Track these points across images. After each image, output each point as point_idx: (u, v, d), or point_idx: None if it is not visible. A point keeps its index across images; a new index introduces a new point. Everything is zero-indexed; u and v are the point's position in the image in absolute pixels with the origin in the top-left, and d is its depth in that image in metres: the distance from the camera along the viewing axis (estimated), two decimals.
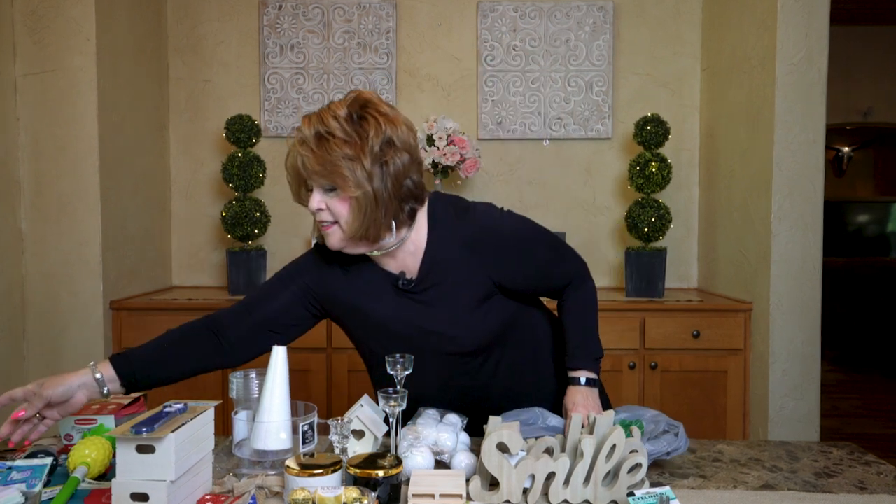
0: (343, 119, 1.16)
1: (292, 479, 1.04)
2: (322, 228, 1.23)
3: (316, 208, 1.20)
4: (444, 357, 1.33)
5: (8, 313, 2.45)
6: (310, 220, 3.13)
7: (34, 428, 1.20)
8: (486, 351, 1.35)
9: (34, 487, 1.08)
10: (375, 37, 3.12)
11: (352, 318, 1.37)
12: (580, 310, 1.39)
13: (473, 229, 1.29)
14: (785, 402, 2.49)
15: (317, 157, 1.15)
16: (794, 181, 2.47)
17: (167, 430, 0.96)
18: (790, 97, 2.45)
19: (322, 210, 1.20)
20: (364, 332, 1.38)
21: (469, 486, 1.10)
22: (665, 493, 1.04)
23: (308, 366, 2.64)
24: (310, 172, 1.17)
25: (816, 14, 2.43)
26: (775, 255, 2.47)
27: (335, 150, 1.14)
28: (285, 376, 1.22)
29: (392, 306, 1.31)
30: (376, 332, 1.34)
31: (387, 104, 1.23)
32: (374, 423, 1.27)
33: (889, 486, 1.20)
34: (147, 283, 2.93)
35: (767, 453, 1.37)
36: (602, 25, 3.10)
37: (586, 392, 1.33)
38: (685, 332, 2.62)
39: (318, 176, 1.17)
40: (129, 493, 0.96)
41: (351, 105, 1.19)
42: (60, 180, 2.52)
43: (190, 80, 3.15)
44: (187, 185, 3.18)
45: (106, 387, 1.25)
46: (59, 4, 2.48)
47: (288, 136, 3.13)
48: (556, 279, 1.38)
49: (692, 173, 3.17)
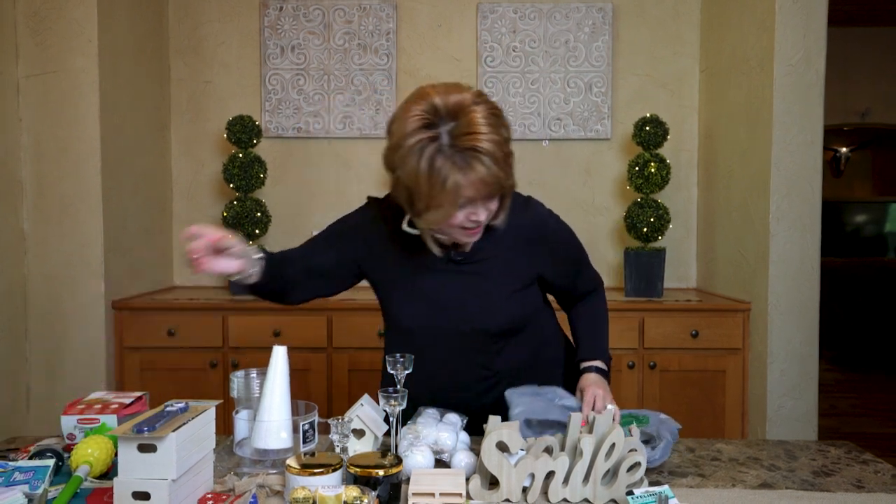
0: (493, 132, 1.11)
1: (293, 478, 1.04)
2: (469, 233, 1.22)
3: (485, 218, 1.19)
4: (468, 335, 1.33)
5: (10, 313, 2.45)
6: (309, 221, 3.15)
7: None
8: (506, 337, 1.37)
9: (37, 488, 1.08)
10: (376, 38, 3.12)
11: (392, 285, 1.36)
12: (595, 315, 1.48)
13: (531, 219, 1.34)
14: (783, 401, 2.50)
15: (493, 177, 1.12)
16: (793, 181, 2.47)
17: (168, 430, 0.97)
18: (788, 98, 2.46)
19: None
20: (401, 298, 1.36)
21: (469, 485, 1.11)
22: (664, 491, 1.05)
23: (308, 365, 2.65)
24: (489, 193, 1.15)
25: (814, 15, 2.44)
26: (774, 256, 2.48)
27: (501, 165, 1.12)
28: (286, 375, 1.23)
29: (439, 276, 1.31)
30: (412, 298, 1.34)
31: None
32: (375, 422, 1.28)
33: (886, 484, 1.20)
34: (148, 283, 2.94)
35: (766, 452, 1.38)
36: (601, 26, 3.11)
37: (598, 378, 1.37)
38: (684, 332, 2.63)
39: (495, 191, 1.17)
40: (131, 491, 0.97)
41: (487, 112, 1.12)
42: (62, 181, 2.53)
43: (191, 80, 3.16)
44: (188, 185, 3.19)
45: (256, 263, 1.26)
46: (61, 6, 2.49)
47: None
48: (584, 283, 1.47)
49: (691, 174, 3.17)
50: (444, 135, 1.09)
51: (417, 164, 1.09)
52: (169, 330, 2.64)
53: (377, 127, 3.14)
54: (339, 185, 3.18)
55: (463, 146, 1.08)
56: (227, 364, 2.65)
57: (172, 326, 2.65)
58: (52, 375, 2.54)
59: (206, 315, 2.65)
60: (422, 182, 1.10)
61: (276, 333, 2.64)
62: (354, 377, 2.65)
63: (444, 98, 1.11)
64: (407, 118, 1.11)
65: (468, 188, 1.11)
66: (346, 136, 3.15)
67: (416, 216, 1.18)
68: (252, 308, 2.65)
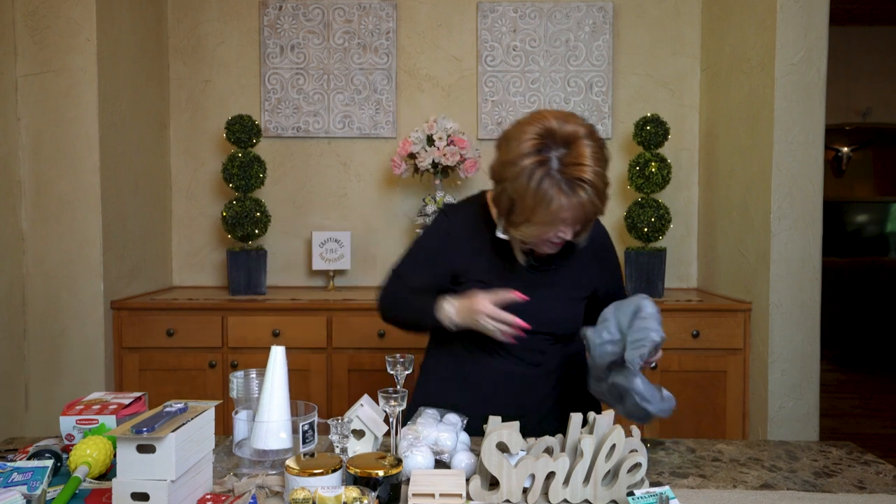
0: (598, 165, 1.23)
1: (292, 478, 1.04)
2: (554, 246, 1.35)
3: (570, 237, 1.32)
4: (535, 336, 1.42)
5: (9, 313, 2.45)
6: (309, 221, 3.14)
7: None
8: (563, 340, 1.51)
9: (36, 489, 1.08)
10: (375, 37, 3.12)
11: (479, 287, 1.42)
12: None
13: (596, 233, 1.46)
14: (784, 401, 2.50)
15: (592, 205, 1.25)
16: (794, 181, 2.47)
17: (168, 430, 0.96)
18: (789, 97, 2.45)
19: None
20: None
21: (469, 485, 1.10)
22: (665, 492, 1.04)
23: (308, 366, 2.65)
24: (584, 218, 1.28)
25: (816, 14, 2.43)
26: (775, 255, 2.48)
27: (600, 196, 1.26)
28: (285, 376, 1.23)
29: (519, 281, 1.41)
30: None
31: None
32: (374, 422, 1.28)
33: (888, 485, 1.20)
34: (147, 282, 2.94)
35: (767, 453, 1.37)
36: (602, 26, 3.11)
37: None
38: (685, 332, 2.63)
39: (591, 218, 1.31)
40: (130, 492, 0.97)
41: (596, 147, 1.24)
42: (61, 180, 2.52)
43: (190, 80, 3.16)
44: (188, 185, 3.19)
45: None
46: (60, 5, 2.48)
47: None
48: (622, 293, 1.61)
49: (692, 173, 3.17)
50: (555, 160, 1.21)
51: (527, 183, 1.21)
52: (168, 330, 2.64)
53: (377, 126, 3.13)
54: (339, 184, 3.17)
55: (570, 175, 1.21)
56: (226, 364, 2.65)
57: (171, 326, 2.65)
58: (50, 376, 2.54)
59: (205, 315, 2.65)
60: (528, 199, 1.22)
61: (276, 333, 2.64)
62: (354, 377, 2.65)
63: (561, 125, 1.22)
64: (522, 139, 1.22)
65: (568, 211, 1.24)
66: (346, 136, 3.15)
67: (511, 226, 1.30)
68: (251, 308, 2.65)
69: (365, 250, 3.17)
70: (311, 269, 3.15)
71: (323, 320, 2.65)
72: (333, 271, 3.03)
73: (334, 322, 2.65)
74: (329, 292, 2.93)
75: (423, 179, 3.01)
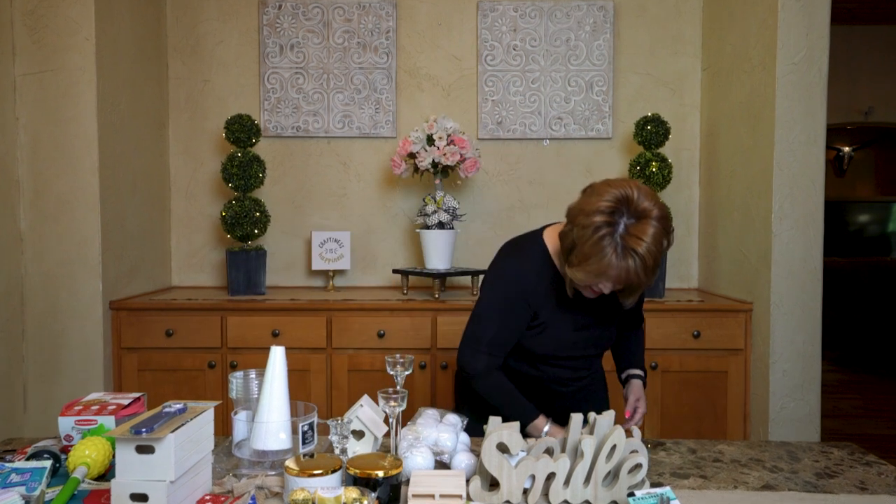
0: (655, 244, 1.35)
1: (292, 479, 1.03)
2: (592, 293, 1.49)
3: (608, 292, 1.46)
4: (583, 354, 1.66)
5: (7, 314, 2.45)
6: (309, 221, 3.14)
7: None
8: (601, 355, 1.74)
9: (34, 490, 1.07)
10: (375, 36, 3.11)
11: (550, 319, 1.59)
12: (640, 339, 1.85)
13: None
14: (785, 402, 2.49)
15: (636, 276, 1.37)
16: (795, 181, 2.46)
17: (167, 431, 0.96)
18: (791, 97, 2.45)
19: None
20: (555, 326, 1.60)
21: (469, 486, 1.10)
22: (665, 493, 1.04)
23: (308, 366, 2.64)
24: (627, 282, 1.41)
25: (817, 13, 2.43)
26: (776, 255, 2.47)
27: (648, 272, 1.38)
28: (284, 376, 1.22)
29: (575, 310, 1.58)
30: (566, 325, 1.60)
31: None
32: (374, 423, 1.27)
33: (890, 486, 1.19)
34: (146, 283, 2.93)
35: (768, 454, 1.37)
36: (602, 25, 3.10)
37: (640, 385, 1.73)
38: (686, 333, 2.62)
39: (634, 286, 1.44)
40: (129, 493, 0.96)
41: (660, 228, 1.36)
42: (60, 180, 2.52)
43: (189, 79, 3.15)
44: (187, 184, 3.18)
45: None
46: (58, 4, 2.48)
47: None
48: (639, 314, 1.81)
49: (693, 173, 3.16)
50: (622, 226, 1.34)
51: (591, 235, 1.35)
52: (167, 330, 2.64)
53: (377, 126, 3.13)
54: (339, 184, 3.17)
55: (628, 243, 1.33)
56: (225, 365, 2.65)
57: (171, 327, 2.64)
58: (49, 376, 2.53)
59: (204, 315, 2.64)
60: (587, 248, 1.36)
61: (276, 334, 2.63)
62: (354, 378, 2.64)
63: (639, 199, 1.35)
64: (604, 197, 1.36)
65: (615, 270, 1.37)
66: (346, 136, 3.14)
67: (567, 264, 1.45)
68: (251, 308, 2.64)
69: (365, 250, 3.17)
70: (310, 269, 3.15)
71: (323, 320, 2.65)
72: (333, 271, 3.02)
73: (334, 322, 2.64)
74: (329, 292, 2.93)
75: (423, 179, 3.00)
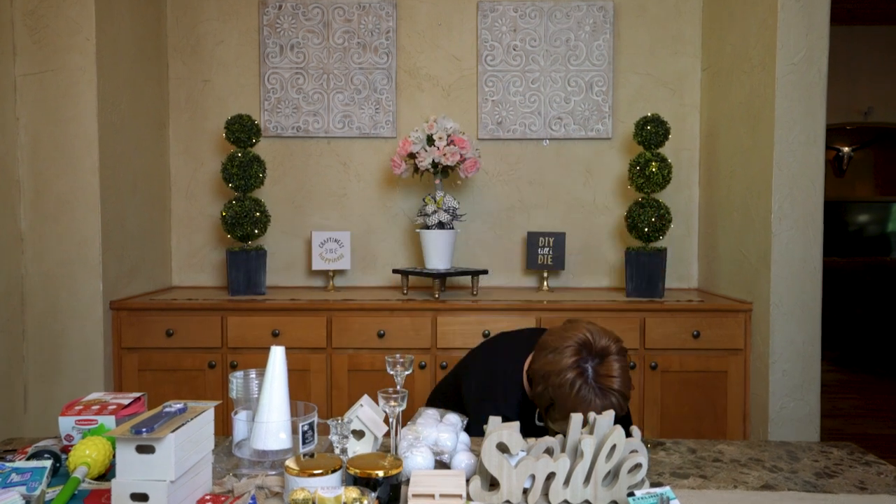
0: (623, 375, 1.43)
1: (292, 479, 1.03)
2: None
3: None
4: None
5: (7, 313, 2.45)
6: (309, 221, 3.14)
7: None
8: None
9: (35, 490, 1.07)
10: (375, 36, 3.11)
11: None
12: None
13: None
14: (785, 402, 2.49)
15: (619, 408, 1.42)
16: (795, 181, 2.47)
17: (167, 431, 0.96)
18: (790, 97, 2.45)
19: None
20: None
21: (469, 486, 1.10)
22: (665, 493, 1.04)
23: (308, 366, 2.64)
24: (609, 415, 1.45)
25: (817, 13, 2.43)
26: (775, 255, 2.47)
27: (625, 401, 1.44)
28: (284, 376, 1.22)
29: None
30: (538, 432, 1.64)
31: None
32: (374, 423, 1.27)
33: (889, 486, 1.19)
34: (147, 282, 2.93)
35: (768, 453, 1.37)
36: (602, 25, 3.10)
37: None
38: (685, 333, 2.62)
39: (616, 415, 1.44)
40: (129, 493, 0.96)
41: (623, 361, 1.44)
42: (60, 180, 2.52)
43: (189, 79, 3.15)
44: (187, 184, 3.18)
45: None
46: (59, 4, 2.48)
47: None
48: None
49: (692, 173, 3.16)
50: (590, 370, 1.42)
51: (570, 391, 1.41)
52: (167, 330, 2.64)
53: (377, 126, 3.13)
54: (339, 184, 3.17)
55: (602, 384, 1.40)
56: (225, 365, 2.65)
57: (171, 327, 2.64)
58: (49, 376, 2.53)
59: (204, 315, 2.64)
60: (569, 403, 1.41)
61: (276, 334, 2.63)
62: (354, 378, 2.65)
63: (595, 339, 1.43)
64: (564, 353, 1.43)
65: (598, 409, 1.41)
66: (346, 136, 3.14)
67: (549, 418, 1.50)
68: (251, 308, 2.64)
69: (365, 250, 3.17)
70: (310, 269, 3.15)
71: (323, 320, 2.65)
72: (333, 271, 3.02)
73: (334, 322, 2.65)
74: (329, 292, 2.93)
75: (423, 179, 3.00)
